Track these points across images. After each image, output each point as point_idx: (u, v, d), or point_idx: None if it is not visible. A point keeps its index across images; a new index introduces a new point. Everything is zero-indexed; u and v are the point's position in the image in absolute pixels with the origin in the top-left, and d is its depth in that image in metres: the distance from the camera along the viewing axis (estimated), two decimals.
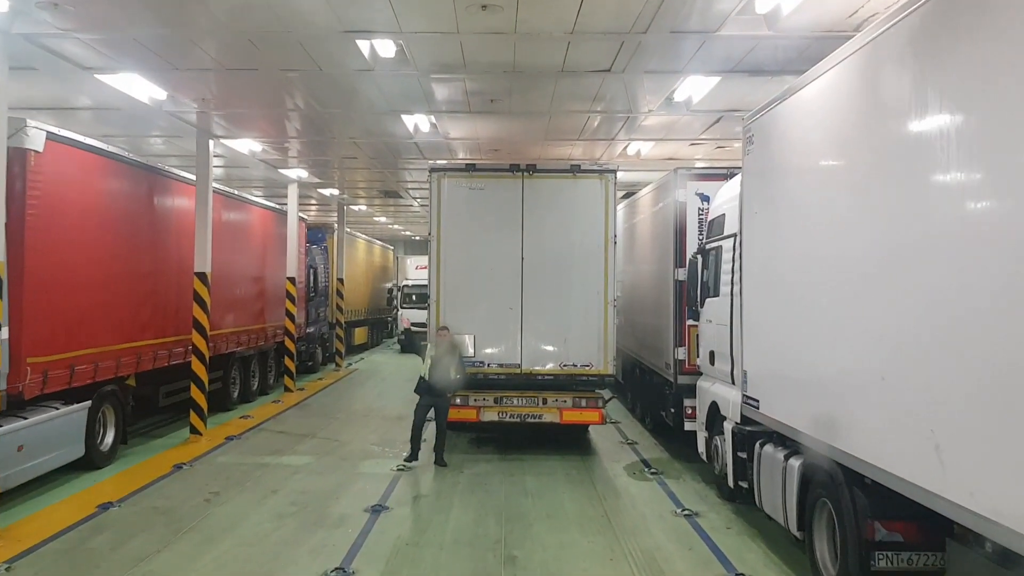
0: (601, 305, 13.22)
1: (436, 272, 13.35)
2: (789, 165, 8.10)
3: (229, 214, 17.63)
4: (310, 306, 24.73)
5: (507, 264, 13.28)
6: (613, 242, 13.26)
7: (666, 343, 13.52)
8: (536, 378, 13.31)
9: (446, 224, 13.33)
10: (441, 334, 12.66)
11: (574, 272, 13.27)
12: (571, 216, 13.31)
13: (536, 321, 13.26)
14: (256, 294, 19.56)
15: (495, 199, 13.34)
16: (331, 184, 22.96)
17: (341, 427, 16.17)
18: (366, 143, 15.95)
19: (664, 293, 13.72)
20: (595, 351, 13.22)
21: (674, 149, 16.06)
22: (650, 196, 15.01)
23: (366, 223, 37.25)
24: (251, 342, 18.88)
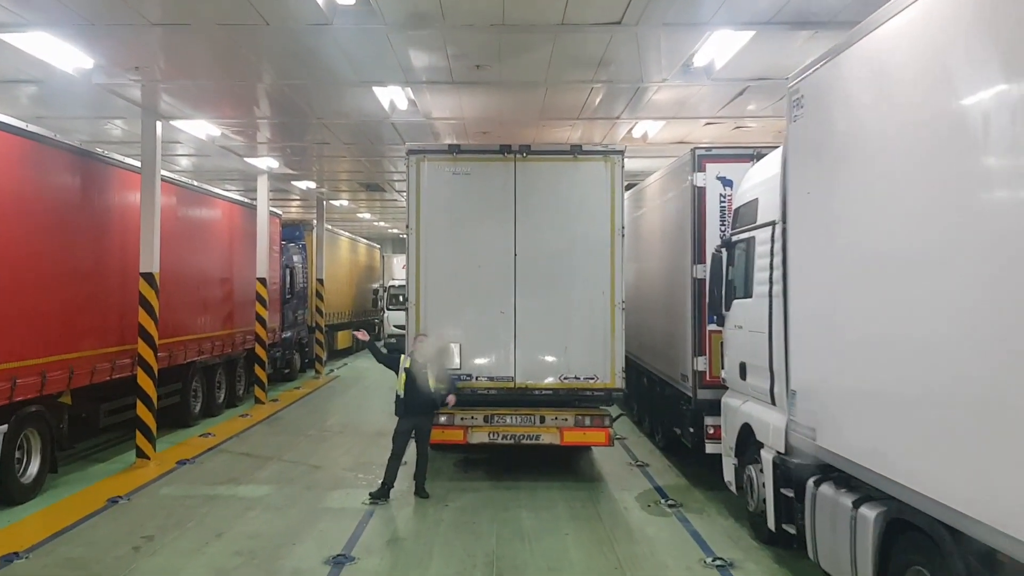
0: (607, 308, 11.39)
1: (415, 270, 11.51)
2: (864, 129, 6.26)
3: (187, 208, 15.75)
4: (286, 309, 22.88)
5: (497, 261, 11.45)
6: (621, 235, 11.43)
7: (682, 351, 11.70)
8: (532, 393, 11.47)
9: (427, 214, 11.49)
10: (419, 342, 10.80)
11: (575, 270, 11.45)
12: (571, 205, 11.48)
13: (532, 327, 11.43)
14: (221, 297, 17.69)
15: (483, 186, 11.50)
16: (307, 176, 21.08)
17: (312, 447, 14.30)
18: (338, 125, 14.09)
19: (678, 294, 11.90)
20: (600, 362, 11.39)
21: (685, 131, 14.24)
22: (660, 183, 13.18)
23: (350, 220, 35.37)
24: (215, 350, 17.01)
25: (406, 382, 10.62)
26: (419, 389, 10.59)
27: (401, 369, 10.70)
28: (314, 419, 17.40)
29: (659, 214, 13.24)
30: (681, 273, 11.77)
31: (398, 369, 10.75)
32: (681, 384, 11.80)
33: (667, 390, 12.86)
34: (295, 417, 17.66)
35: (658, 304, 13.11)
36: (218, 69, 10.68)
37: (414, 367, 10.66)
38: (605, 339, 11.38)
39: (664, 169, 12.93)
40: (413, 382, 10.61)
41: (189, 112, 13.03)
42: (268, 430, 16.04)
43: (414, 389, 10.59)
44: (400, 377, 10.66)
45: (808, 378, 7.23)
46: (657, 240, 13.29)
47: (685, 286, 11.56)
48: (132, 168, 13.20)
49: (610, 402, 11.59)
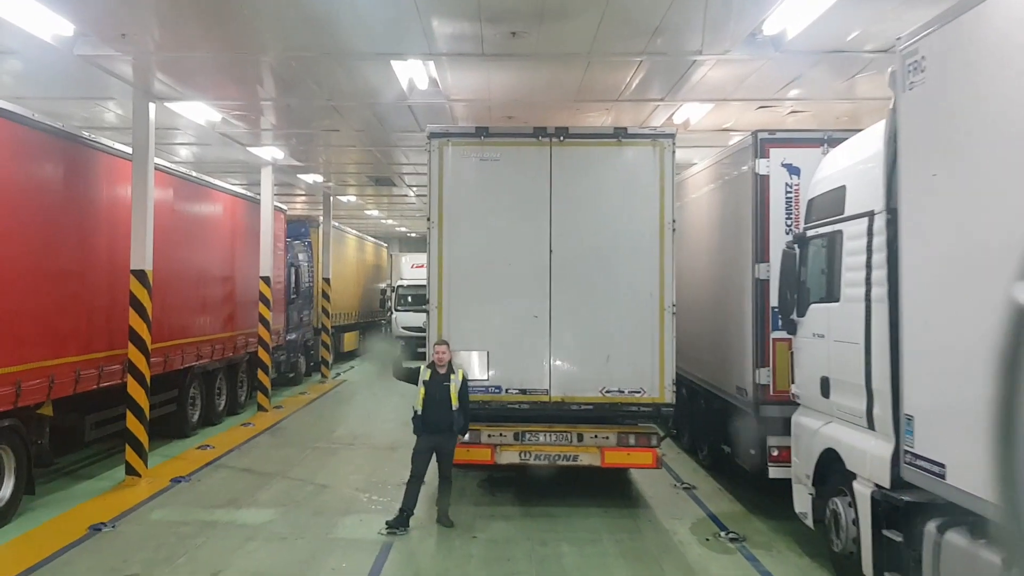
0: (655, 312, 10.08)
1: (437, 269, 10.20)
2: None
3: (184, 200, 14.47)
4: (291, 309, 21.59)
5: (530, 258, 10.15)
6: (671, 229, 10.12)
7: (738, 362, 10.41)
8: (570, 408, 10.16)
9: (451, 206, 10.18)
10: (439, 352, 9.51)
11: (619, 269, 10.14)
12: (615, 195, 10.18)
13: (569, 334, 10.13)
14: (222, 297, 16.41)
15: (515, 173, 10.20)
16: (314, 169, 19.79)
17: (319, 461, 13.01)
18: (350, 109, 12.79)
19: (734, 296, 10.61)
20: (648, 373, 10.08)
21: (733, 116, 12.92)
22: (710, 172, 11.86)
23: (357, 218, 34.09)
24: (216, 354, 15.73)
25: (424, 397, 9.34)
26: (439, 405, 9.32)
27: (420, 382, 9.41)
28: (321, 428, 16.10)
29: (709, 207, 11.92)
30: (738, 273, 10.48)
31: (417, 381, 9.46)
32: (737, 398, 10.50)
33: (716, 404, 11.56)
34: (300, 426, 16.37)
35: (706, 308, 11.79)
36: (216, 38, 9.38)
37: (433, 380, 9.38)
38: (653, 347, 10.07)
39: (716, 156, 11.61)
40: (432, 397, 9.33)
41: (186, 92, 11.74)
42: (272, 441, 14.75)
43: (433, 405, 9.32)
44: (419, 392, 9.37)
45: (933, 402, 5.92)
46: (705, 236, 11.97)
47: (743, 288, 10.27)
48: (124, 155, 11.92)
49: (658, 419, 10.28)
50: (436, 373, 9.42)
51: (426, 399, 9.30)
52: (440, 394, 9.33)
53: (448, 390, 9.36)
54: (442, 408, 9.31)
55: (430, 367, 9.47)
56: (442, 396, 9.33)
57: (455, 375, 9.47)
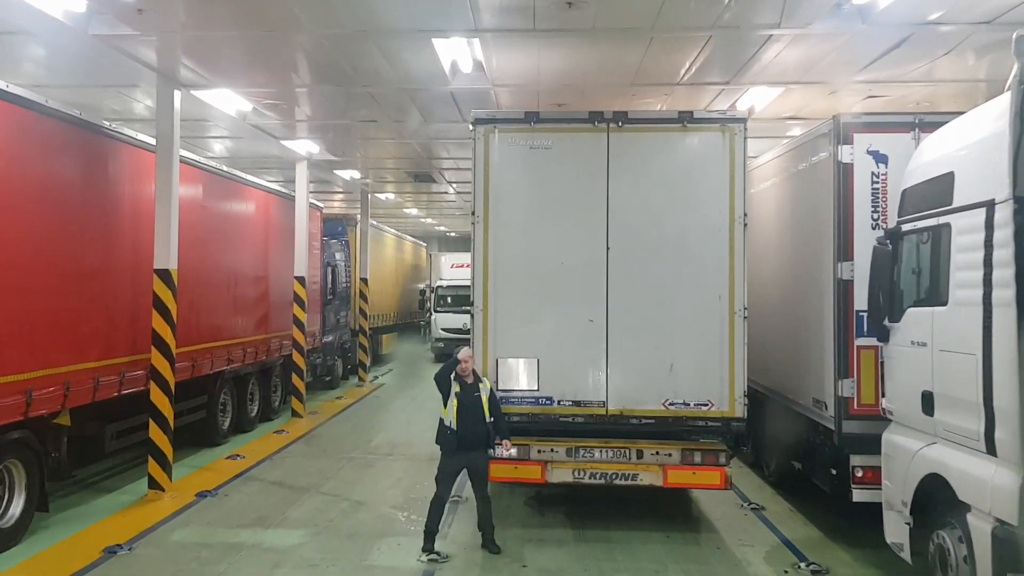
0: (724, 316, 9.07)
1: (483, 268, 9.28)
2: None
3: (214, 196, 13.73)
4: (327, 311, 20.85)
5: (585, 257, 9.21)
6: (742, 224, 9.11)
7: (816, 371, 9.38)
8: (628, 422, 9.19)
9: (497, 199, 9.26)
10: (465, 361, 8.59)
11: (684, 268, 9.15)
12: (679, 186, 9.20)
13: (628, 340, 9.16)
14: (255, 297, 15.66)
15: (568, 162, 9.25)
16: (350, 164, 18.98)
17: (355, 474, 12.17)
18: (387, 96, 11.92)
19: (811, 299, 9.57)
20: (716, 384, 9.07)
21: (802, 102, 11.86)
22: (780, 162, 10.81)
23: (396, 217, 33.34)
24: (248, 357, 14.97)
25: (458, 410, 8.44)
26: (471, 419, 8.44)
27: (451, 394, 8.51)
28: (358, 437, 15.28)
29: (777, 202, 10.87)
30: (815, 273, 9.44)
31: (448, 391, 8.56)
32: (814, 412, 9.46)
33: (786, 416, 10.51)
34: (336, 434, 15.57)
35: (774, 311, 10.74)
36: (243, 14, 8.53)
37: (465, 391, 8.49)
38: (722, 355, 9.06)
39: (786, 145, 10.55)
40: (465, 411, 8.43)
41: (212, 79, 10.96)
42: (306, 451, 13.95)
43: (464, 417, 8.42)
44: (451, 404, 8.47)
45: None
46: (772, 233, 10.91)
47: (822, 290, 9.23)
48: (149, 147, 11.17)
49: (728, 434, 9.25)
50: (464, 383, 8.53)
51: (460, 411, 8.40)
52: (472, 405, 8.44)
53: (480, 401, 8.48)
54: (475, 421, 8.43)
55: (458, 380, 8.57)
56: (474, 407, 8.44)
57: (483, 384, 8.60)
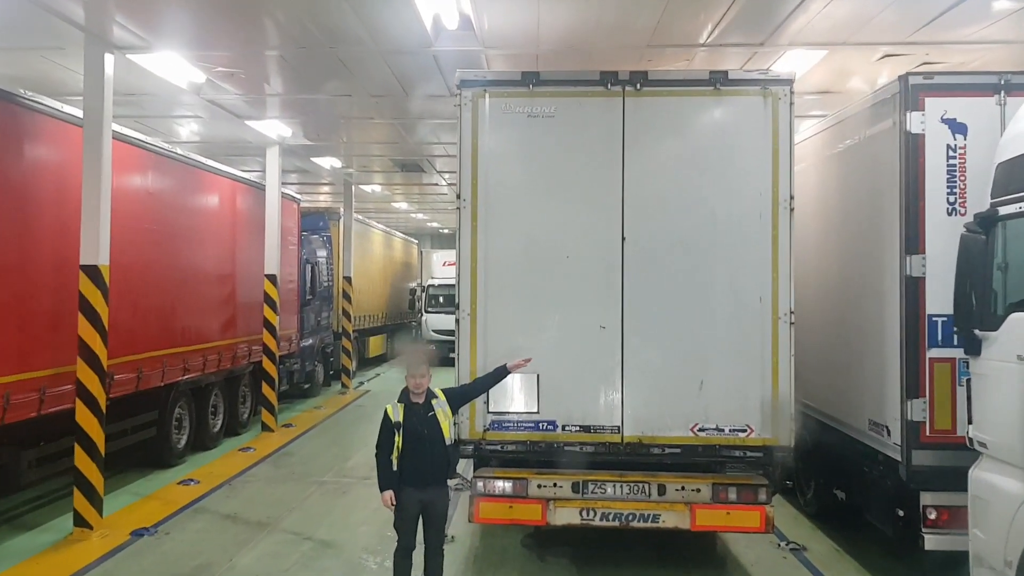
0: (766, 322, 7.39)
1: (470, 263, 7.59)
2: None
3: (165, 182, 12.01)
4: (306, 312, 19.13)
5: (596, 249, 7.52)
6: (788, 208, 7.42)
7: (874, 388, 7.73)
8: (648, 451, 7.50)
9: (489, 179, 7.57)
10: (416, 377, 6.87)
11: (716, 263, 7.48)
12: (710, 162, 7.50)
13: (649, 351, 7.48)
14: (219, 298, 13.98)
15: (575, 134, 7.55)
16: (329, 150, 17.25)
17: (324, 503, 10.48)
18: (360, 62, 10.18)
19: (869, 299, 7.92)
20: (756, 404, 7.40)
21: (847, 67, 10.15)
22: (825, 137, 9.12)
23: (385, 212, 31.60)
24: (209, 365, 13.26)
25: (404, 440, 6.71)
26: (426, 446, 6.71)
27: (392, 427, 6.73)
28: (334, 455, 13.57)
29: (821, 184, 9.17)
30: (873, 269, 7.79)
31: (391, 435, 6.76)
32: (870, 436, 7.80)
33: (831, 438, 8.87)
34: (310, 451, 13.86)
35: (816, 316, 9.05)
36: None
37: (411, 416, 6.76)
38: (763, 370, 7.38)
39: (839, 114, 8.84)
40: (416, 438, 6.71)
41: (152, 40, 9.27)
42: (271, 473, 12.25)
43: (418, 448, 6.70)
44: (394, 441, 6.71)
45: None
46: (816, 221, 9.21)
47: (882, 289, 7.58)
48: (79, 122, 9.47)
49: (770, 466, 7.56)
50: (412, 405, 6.81)
51: (406, 445, 6.70)
52: (427, 430, 6.72)
53: (436, 421, 6.76)
54: (431, 449, 6.71)
55: (402, 400, 6.87)
56: (431, 432, 6.72)
57: (437, 399, 6.87)
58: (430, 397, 6.91)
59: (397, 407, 6.86)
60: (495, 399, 7.47)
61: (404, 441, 6.71)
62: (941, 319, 7.10)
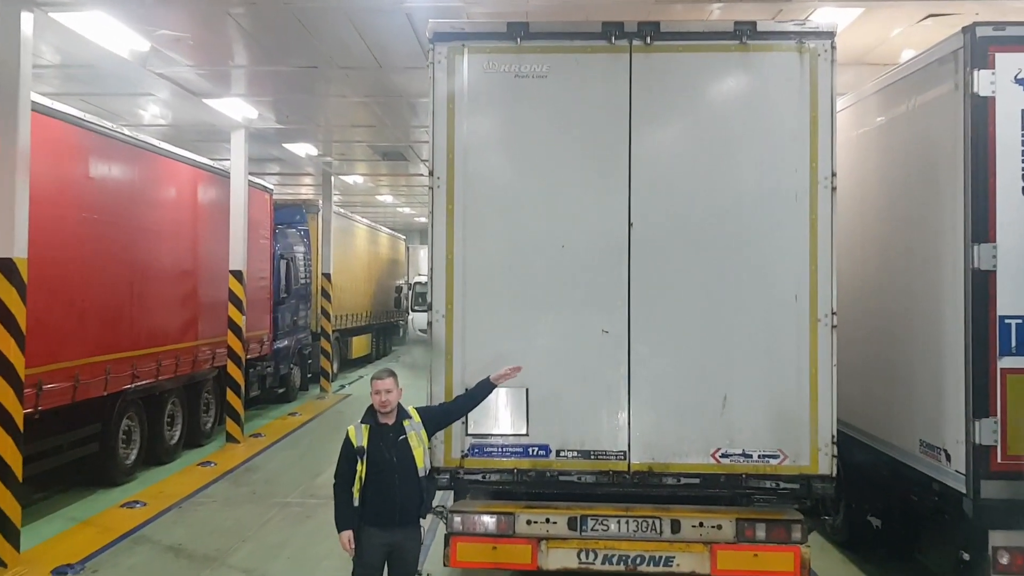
0: (802, 325, 6.11)
1: (445, 256, 6.29)
2: None
3: (108, 166, 10.69)
4: (281, 311, 17.84)
5: (598, 238, 6.23)
6: (829, 187, 6.14)
7: (929, 404, 6.49)
8: (661, 482, 6.20)
9: (467, 153, 6.27)
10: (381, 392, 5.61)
11: (742, 254, 6.19)
12: (735, 132, 6.21)
13: (660, 360, 6.19)
14: (177, 296, 12.70)
15: (572, 98, 6.25)
16: (302, 135, 15.90)
17: (284, 531, 9.19)
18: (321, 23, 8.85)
19: (923, 297, 6.66)
20: (791, 425, 6.11)
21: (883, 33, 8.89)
22: (864, 107, 7.83)
23: (371, 206, 30.25)
24: (164, 371, 11.95)
25: (368, 470, 5.49)
26: (396, 476, 5.50)
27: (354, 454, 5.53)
28: (302, 470, 12.25)
29: (861, 162, 7.87)
30: (930, 261, 6.53)
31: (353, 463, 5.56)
32: (923, 462, 6.54)
33: (867, 458, 7.62)
34: (277, 465, 12.55)
35: (857, 314, 7.76)
36: None
37: (377, 440, 5.53)
38: (800, 383, 6.10)
39: (880, 82, 7.55)
40: (382, 467, 5.48)
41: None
42: (230, 492, 10.94)
43: (385, 479, 5.49)
44: (357, 469, 5.51)
45: None
46: (855, 205, 7.90)
47: (940, 285, 6.34)
48: None
49: (806, 498, 6.28)
50: (379, 427, 5.59)
51: (370, 476, 5.47)
52: (397, 457, 5.50)
53: (407, 448, 5.55)
54: (401, 481, 5.50)
55: (366, 421, 5.65)
56: (401, 460, 5.51)
57: (410, 420, 5.66)
58: (401, 418, 5.67)
59: (361, 429, 5.63)
60: (475, 419, 6.17)
61: (368, 471, 5.51)
62: (1016, 321, 5.90)
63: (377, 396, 5.63)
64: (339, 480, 5.67)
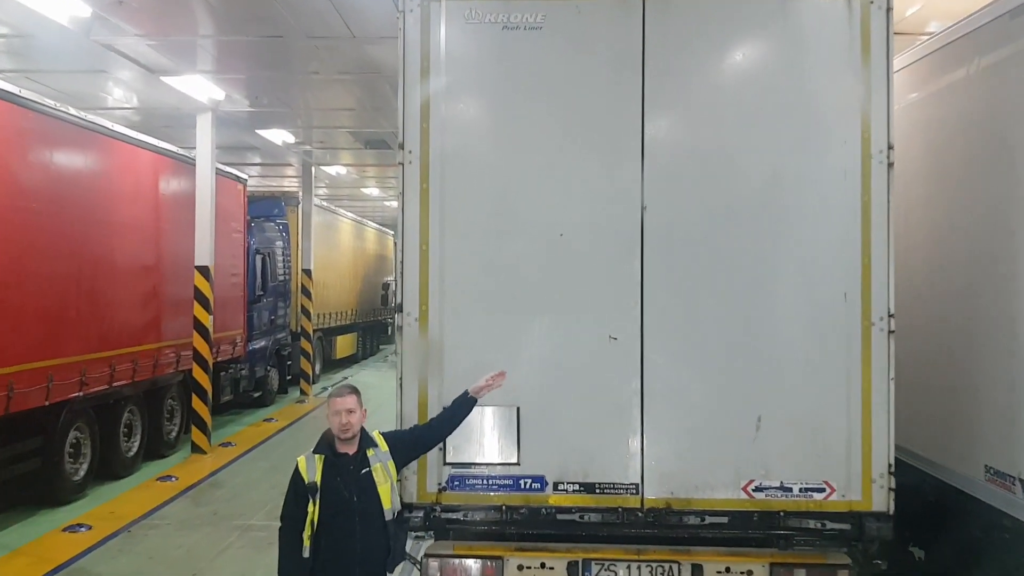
0: (853, 329, 5.03)
1: (419, 245, 5.19)
2: None
3: (49, 148, 9.57)
4: (256, 310, 16.75)
5: (603, 224, 5.14)
6: (886, 162, 5.06)
7: (1005, 424, 5.41)
8: (681, 521, 5.10)
9: (446, 121, 5.17)
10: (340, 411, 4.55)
11: (779, 246, 5.10)
12: (770, 96, 5.11)
13: (679, 373, 5.09)
14: (135, 294, 11.62)
15: (572, 54, 5.15)
16: (276, 120, 14.77)
17: (241, 562, 8.10)
18: None
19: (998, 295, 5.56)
20: (839, 452, 5.03)
21: None
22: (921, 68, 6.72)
23: (358, 199, 29.07)
24: (119, 376, 10.87)
25: (323, 512, 4.43)
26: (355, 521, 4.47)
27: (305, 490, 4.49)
28: (272, 485, 11.01)
29: (910, 135, 6.75)
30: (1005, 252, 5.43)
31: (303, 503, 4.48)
32: (993, 492, 5.47)
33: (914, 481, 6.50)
34: (244, 480, 11.44)
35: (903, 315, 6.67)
36: None
37: (334, 475, 4.51)
38: (850, 401, 5.02)
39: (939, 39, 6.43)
40: (340, 509, 4.46)
41: None
42: (188, 513, 9.84)
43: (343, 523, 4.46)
44: (308, 511, 4.44)
45: None
46: (902, 185, 6.77)
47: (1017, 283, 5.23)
48: None
49: (857, 540, 5.19)
50: (337, 458, 4.54)
51: (324, 520, 4.42)
52: (358, 496, 4.48)
53: (372, 484, 4.52)
54: (364, 526, 4.48)
55: (321, 450, 4.59)
56: (363, 500, 4.48)
57: (375, 449, 4.61)
58: (365, 446, 4.62)
59: (313, 461, 4.58)
60: (455, 444, 5.07)
61: (322, 513, 4.46)
62: None
63: (336, 418, 4.57)
64: (285, 524, 4.60)
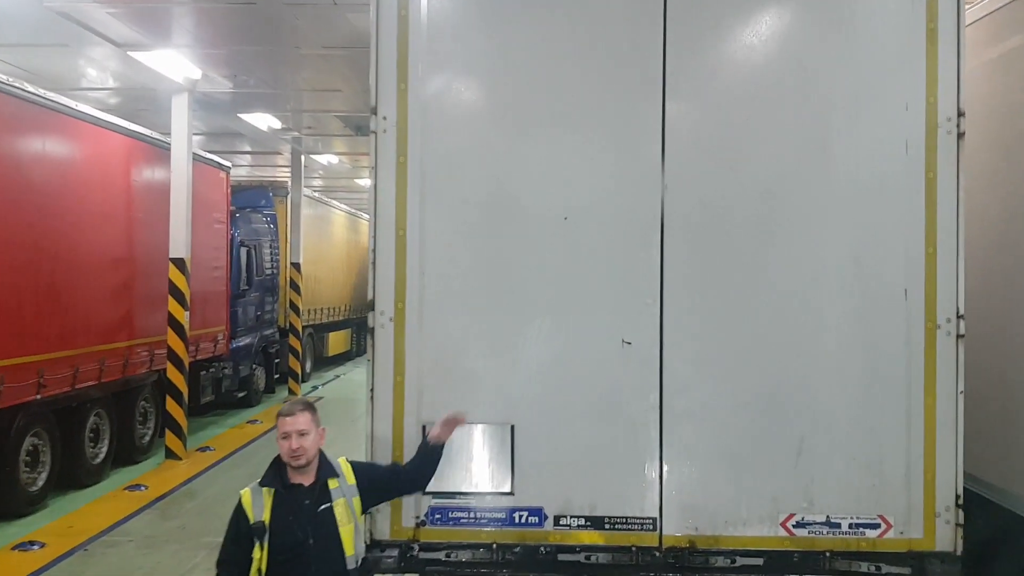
0: (915, 333, 4.20)
1: (395, 230, 4.37)
2: None
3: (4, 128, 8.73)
4: (241, 305, 15.91)
5: (616, 208, 4.31)
6: (955, 132, 4.22)
7: None
8: (707, 561, 4.28)
9: (427, 83, 4.34)
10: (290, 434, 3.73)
11: (826, 233, 4.27)
12: (816, 57, 4.29)
13: (705, 386, 4.26)
14: (104, 289, 10.76)
15: (579, 23, 4.31)
16: (259, 102, 13.89)
17: None
18: None
19: None
20: (896, 482, 4.20)
21: None
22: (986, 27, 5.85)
23: (353, 191, 28.15)
24: (84, 377, 10.01)
25: (271, 557, 3.66)
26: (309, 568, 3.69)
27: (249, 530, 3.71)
28: None
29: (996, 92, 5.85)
30: None
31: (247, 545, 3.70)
32: None
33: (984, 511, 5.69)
34: (219, 489, 10.56)
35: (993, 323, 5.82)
36: None
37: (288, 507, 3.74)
38: (910, 420, 4.19)
39: None
40: (291, 554, 3.68)
41: None
42: (154, 527, 9.00)
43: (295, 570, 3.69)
44: (256, 556, 3.66)
45: None
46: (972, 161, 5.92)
47: None
48: None
49: None
50: (290, 491, 3.77)
51: (272, 567, 3.66)
52: (315, 537, 3.71)
53: (331, 522, 3.75)
54: (319, 572, 3.69)
55: (270, 482, 3.80)
56: (320, 542, 3.72)
57: (338, 479, 3.86)
58: (325, 475, 3.82)
59: (260, 495, 3.75)
60: (438, 472, 4.23)
61: (271, 559, 3.68)
62: None
63: (285, 442, 3.77)
64: (223, 572, 3.78)
